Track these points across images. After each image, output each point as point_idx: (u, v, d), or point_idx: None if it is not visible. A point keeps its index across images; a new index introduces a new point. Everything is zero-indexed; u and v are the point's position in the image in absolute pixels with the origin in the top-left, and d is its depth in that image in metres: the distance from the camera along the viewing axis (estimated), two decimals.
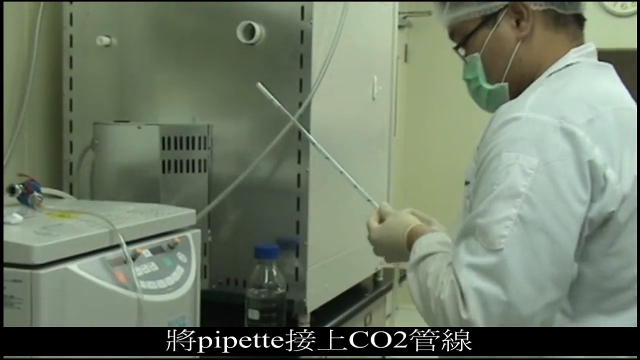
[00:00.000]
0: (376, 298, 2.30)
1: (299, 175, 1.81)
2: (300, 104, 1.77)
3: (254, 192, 1.82)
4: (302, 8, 1.78)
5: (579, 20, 1.35)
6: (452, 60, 1.47)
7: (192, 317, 1.42)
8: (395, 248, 1.39)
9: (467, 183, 1.28)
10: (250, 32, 1.80)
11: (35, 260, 1.09)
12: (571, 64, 1.29)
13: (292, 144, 1.80)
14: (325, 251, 1.94)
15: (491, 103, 1.35)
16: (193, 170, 1.80)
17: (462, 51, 1.39)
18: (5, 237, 1.12)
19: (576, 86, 1.23)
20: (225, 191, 1.79)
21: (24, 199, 1.39)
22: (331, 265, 1.97)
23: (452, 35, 1.40)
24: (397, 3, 2.37)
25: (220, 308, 1.77)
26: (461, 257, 1.12)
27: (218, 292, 1.85)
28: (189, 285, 1.38)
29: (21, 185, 1.40)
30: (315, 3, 1.77)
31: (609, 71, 1.32)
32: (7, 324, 1.09)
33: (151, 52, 1.93)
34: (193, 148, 1.80)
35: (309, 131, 1.77)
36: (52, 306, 1.10)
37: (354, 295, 2.13)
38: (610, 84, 1.29)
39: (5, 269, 1.10)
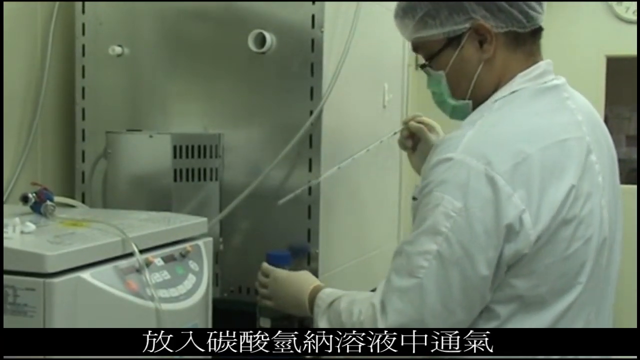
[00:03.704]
0: None
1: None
2: (311, 113, 1.78)
3: (265, 200, 1.82)
4: (313, 16, 1.78)
5: (536, 33, 1.38)
6: None
7: (203, 326, 1.42)
8: (295, 298, 1.57)
9: (414, 199, 1.37)
10: (261, 41, 1.80)
11: (48, 268, 1.09)
12: (515, 91, 1.34)
13: (304, 153, 1.80)
14: (338, 259, 1.93)
15: (455, 115, 1.44)
16: (205, 179, 1.81)
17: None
18: (19, 246, 1.13)
19: (507, 125, 1.30)
20: (236, 199, 1.80)
21: (37, 208, 1.40)
22: (344, 273, 1.97)
23: (416, 49, 1.44)
24: None
25: (231, 316, 1.77)
26: (390, 278, 1.31)
27: (230, 300, 1.85)
28: (200, 294, 1.38)
29: (34, 194, 1.41)
30: (326, 12, 1.78)
31: (552, 96, 1.35)
32: None
33: (163, 61, 1.94)
34: (205, 157, 1.81)
35: (320, 139, 1.78)
36: (65, 314, 1.11)
37: None
38: (545, 114, 1.32)
39: (19, 278, 1.10)
